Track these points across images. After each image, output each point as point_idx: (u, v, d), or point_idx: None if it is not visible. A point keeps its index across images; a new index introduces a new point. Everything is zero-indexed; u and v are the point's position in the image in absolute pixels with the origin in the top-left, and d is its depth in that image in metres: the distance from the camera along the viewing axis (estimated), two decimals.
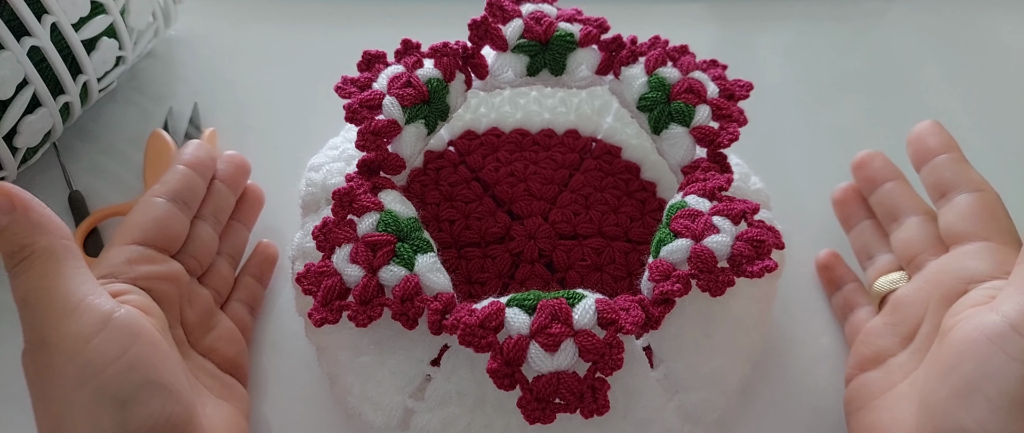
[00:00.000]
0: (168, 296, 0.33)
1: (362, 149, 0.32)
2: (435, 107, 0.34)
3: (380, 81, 0.35)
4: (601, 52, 0.36)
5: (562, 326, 0.28)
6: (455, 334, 0.28)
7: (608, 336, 0.28)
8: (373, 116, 0.33)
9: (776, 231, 0.31)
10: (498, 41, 0.36)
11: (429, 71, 0.34)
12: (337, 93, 0.34)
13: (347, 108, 0.33)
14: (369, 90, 0.34)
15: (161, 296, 0.32)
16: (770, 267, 0.30)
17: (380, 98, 0.33)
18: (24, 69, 0.37)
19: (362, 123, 0.33)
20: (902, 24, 0.55)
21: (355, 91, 0.34)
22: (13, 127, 0.39)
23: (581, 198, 0.40)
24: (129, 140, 0.46)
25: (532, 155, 0.41)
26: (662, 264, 0.30)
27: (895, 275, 0.36)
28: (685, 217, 0.31)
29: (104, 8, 0.41)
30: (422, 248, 0.30)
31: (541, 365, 0.27)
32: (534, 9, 0.37)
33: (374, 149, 0.33)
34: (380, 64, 0.35)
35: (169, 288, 0.33)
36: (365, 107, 0.33)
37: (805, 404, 0.38)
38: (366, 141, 0.32)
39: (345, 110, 0.33)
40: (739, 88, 0.36)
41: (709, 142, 0.34)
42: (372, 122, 0.33)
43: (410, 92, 0.34)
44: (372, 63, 0.35)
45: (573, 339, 0.28)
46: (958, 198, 0.34)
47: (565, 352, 0.27)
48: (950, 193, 0.35)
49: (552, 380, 0.27)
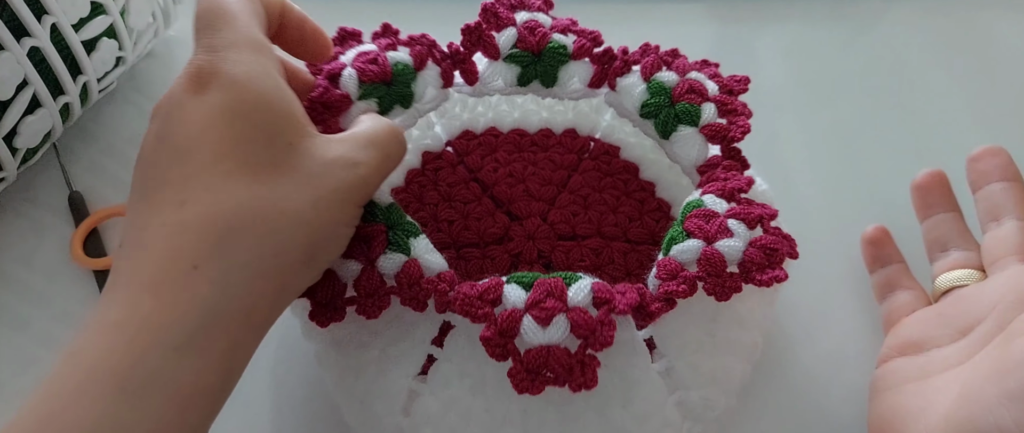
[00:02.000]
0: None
1: (311, 119, 0.31)
2: (396, 91, 0.34)
3: (347, 56, 0.34)
4: (593, 65, 0.36)
5: (556, 302, 0.28)
6: (455, 306, 0.28)
7: (601, 314, 0.28)
8: (331, 87, 0.33)
9: (791, 240, 0.31)
10: (490, 49, 0.36)
11: (399, 55, 0.34)
12: (307, 68, 0.34)
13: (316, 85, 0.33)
14: (335, 62, 0.34)
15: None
16: (780, 277, 0.29)
17: (342, 69, 0.33)
18: (24, 70, 0.37)
19: (316, 91, 0.32)
20: (902, 24, 0.55)
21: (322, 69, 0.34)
22: (13, 128, 0.39)
23: (580, 198, 0.40)
24: (129, 140, 0.46)
25: (530, 155, 0.41)
26: (670, 263, 0.30)
27: (962, 272, 0.35)
28: (700, 217, 0.31)
29: (104, 8, 0.41)
30: (412, 232, 0.30)
31: (533, 337, 0.28)
32: (529, 18, 0.36)
33: (321, 121, 0.32)
34: (354, 41, 0.35)
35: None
36: (326, 77, 0.33)
37: (805, 403, 0.38)
38: (315, 112, 0.32)
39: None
40: (736, 83, 0.36)
41: (721, 138, 0.34)
42: (324, 92, 0.32)
43: (372, 69, 0.33)
44: (346, 40, 0.35)
45: (566, 314, 0.28)
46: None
47: (557, 326, 0.28)
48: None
49: (542, 352, 0.27)
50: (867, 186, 0.46)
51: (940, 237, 0.37)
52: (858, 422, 0.36)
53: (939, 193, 0.38)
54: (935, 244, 0.38)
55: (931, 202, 0.38)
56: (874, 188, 0.45)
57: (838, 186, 0.46)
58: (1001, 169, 0.36)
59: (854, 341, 0.40)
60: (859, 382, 0.36)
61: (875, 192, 0.45)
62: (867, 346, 0.39)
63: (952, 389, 0.29)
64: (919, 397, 0.30)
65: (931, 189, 0.38)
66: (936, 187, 0.38)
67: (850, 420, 0.37)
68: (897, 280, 0.38)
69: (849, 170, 0.47)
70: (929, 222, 0.38)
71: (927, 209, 0.38)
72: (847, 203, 0.45)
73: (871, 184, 0.46)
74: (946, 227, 0.37)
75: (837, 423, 0.37)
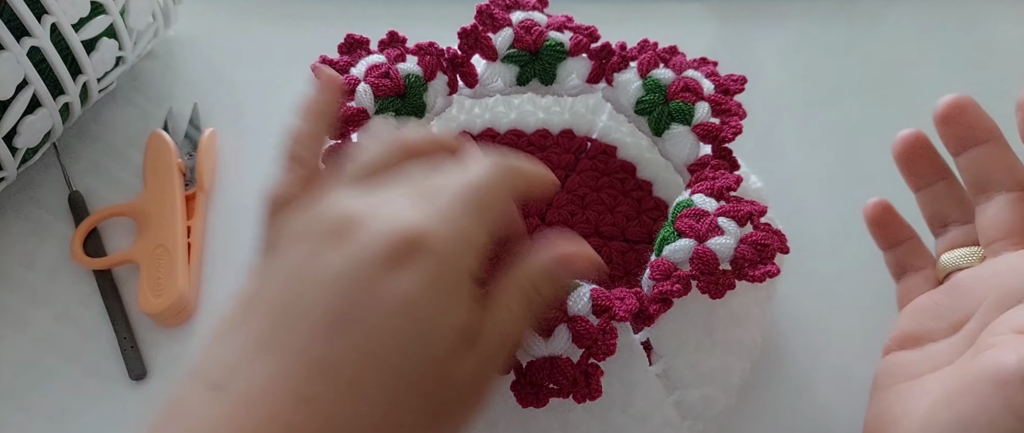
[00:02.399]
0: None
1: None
2: (409, 103, 0.34)
3: (359, 67, 0.34)
4: (591, 61, 0.36)
5: (557, 312, 0.28)
6: None
7: (602, 323, 0.28)
8: (346, 102, 0.33)
9: (781, 235, 0.31)
10: (488, 50, 0.36)
11: (410, 67, 0.35)
12: (313, 73, 0.34)
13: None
14: (347, 75, 0.34)
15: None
16: (772, 272, 0.30)
17: (355, 84, 0.33)
18: (24, 69, 0.37)
19: None
20: (902, 24, 0.55)
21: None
22: (13, 127, 0.39)
23: (577, 198, 0.40)
24: (129, 140, 0.46)
25: (528, 156, 0.41)
26: (663, 263, 0.30)
27: (965, 250, 0.32)
28: (690, 216, 0.31)
29: (104, 8, 0.41)
30: None
31: (535, 349, 0.28)
32: (524, 17, 0.37)
33: (339, 137, 0.33)
34: (362, 50, 0.35)
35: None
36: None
37: (805, 402, 0.38)
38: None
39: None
40: (733, 83, 0.36)
41: (713, 138, 0.34)
42: (341, 108, 0.33)
43: (386, 83, 0.34)
44: (354, 48, 0.35)
45: (567, 325, 0.28)
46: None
47: (559, 337, 0.28)
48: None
49: (546, 364, 0.27)
50: (867, 186, 0.45)
51: (938, 212, 0.34)
52: (858, 422, 0.36)
53: (928, 160, 0.34)
54: (934, 219, 0.34)
55: (922, 170, 0.34)
56: (874, 187, 0.45)
57: (838, 186, 0.46)
58: (979, 128, 0.32)
59: (854, 340, 0.39)
60: (859, 381, 0.36)
61: (875, 191, 0.45)
62: (867, 346, 0.39)
63: (932, 395, 0.28)
64: (906, 400, 0.29)
65: (917, 157, 0.34)
66: (921, 153, 0.34)
67: (850, 420, 0.37)
68: (909, 260, 0.35)
69: (849, 169, 0.47)
70: (923, 195, 0.35)
71: (918, 179, 0.35)
72: (847, 202, 0.45)
73: (871, 184, 0.45)
74: (943, 199, 0.34)
75: (837, 422, 0.37)
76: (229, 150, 0.46)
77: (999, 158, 0.32)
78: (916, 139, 0.34)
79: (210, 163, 0.45)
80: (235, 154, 0.46)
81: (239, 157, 0.46)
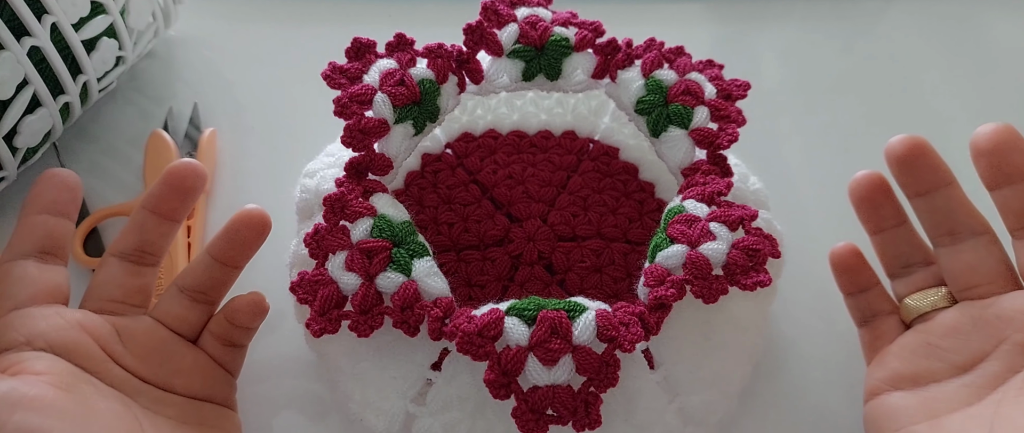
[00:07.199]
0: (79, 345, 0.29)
1: (348, 146, 0.32)
2: (425, 108, 0.34)
3: (371, 75, 0.34)
4: (596, 56, 0.36)
5: (561, 342, 0.28)
6: (454, 341, 0.28)
7: (606, 353, 0.28)
8: (362, 112, 0.33)
9: (773, 239, 0.31)
10: (493, 46, 0.36)
11: (422, 71, 0.34)
12: (325, 81, 0.33)
13: (337, 101, 0.33)
14: (360, 83, 0.34)
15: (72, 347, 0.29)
16: (764, 282, 0.30)
17: (371, 94, 0.33)
18: (24, 69, 0.37)
19: (351, 118, 0.32)
20: (902, 24, 0.55)
21: (345, 82, 0.34)
22: (13, 127, 0.39)
23: (579, 200, 0.40)
24: (129, 140, 0.46)
25: (530, 157, 0.41)
26: (657, 269, 0.30)
27: (932, 292, 0.32)
28: (682, 223, 0.31)
29: (104, 8, 0.41)
30: (418, 252, 0.30)
31: (538, 378, 0.28)
32: (529, 13, 0.36)
33: (362, 148, 0.32)
34: (370, 54, 0.35)
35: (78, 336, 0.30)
36: (355, 102, 0.33)
37: (806, 405, 0.38)
38: (354, 139, 0.32)
39: (334, 103, 0.33)
40: (736, 88, 0.36)
41: (708, 144, 0.34)
42: (362, 119, 0.32)
43: (402, 91, 0.33)
44: (362, 52, 0.35)
45: (571, 355, 0.28)
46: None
47: (562, 367, 0.28)
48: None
49: (547, 393, 0.27)
50: None
51: (899, 255, 0.34)
52: (859, 424, 0.36)
53: (887, 202, 0.33)
54: (894, 261, 0.34)
55: (882, 215, 0.34)
56: None
57: (838, 186, 0.46)
58: (941, 170, 0.31)
59: (854, 342, 0.39)
60: (860, 384, 0.36)
61: None
62: None
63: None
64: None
65: (876, 201, 0.33)
66: (882, 197, 0.33)
67: (850, 421, 0.37)
68: (878, 304, 0.34)
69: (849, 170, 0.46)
70: (883, 238, 0.34)
71: (880, 222, 0.34)
72: (847, 203, 0.45)
73: None
74: (904, 243, 0.34)
75: (837, 425, 0.37)
76: (229, 150, 0.46)
77: (961, 201, 0.31)
78: (877, 181, 0.33)
79: (210, 163, 0.45)
80: (235, 154, 0.46)
81: (239, 157, 0.46)
